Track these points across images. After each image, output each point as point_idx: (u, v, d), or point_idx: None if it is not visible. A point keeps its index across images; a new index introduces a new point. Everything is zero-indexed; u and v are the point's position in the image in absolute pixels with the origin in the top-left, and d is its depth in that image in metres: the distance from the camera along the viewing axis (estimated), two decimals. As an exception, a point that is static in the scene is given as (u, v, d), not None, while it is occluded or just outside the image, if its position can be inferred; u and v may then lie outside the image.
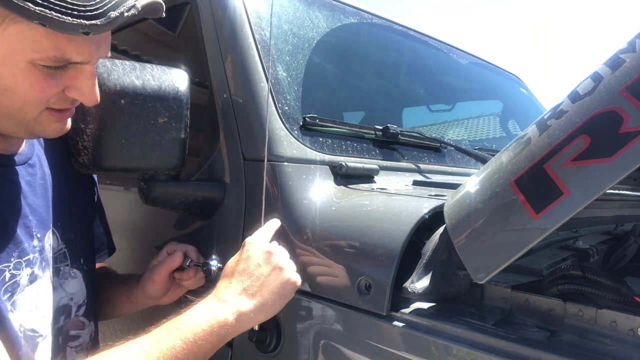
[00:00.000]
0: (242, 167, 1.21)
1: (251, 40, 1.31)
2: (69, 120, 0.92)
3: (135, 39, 1.91)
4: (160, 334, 0.85)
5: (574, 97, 0.76)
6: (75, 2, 0.73)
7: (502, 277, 0.97)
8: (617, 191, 1.37)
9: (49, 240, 0.95)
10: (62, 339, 0.98)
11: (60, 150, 1.06)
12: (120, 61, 1.03)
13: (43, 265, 0.92)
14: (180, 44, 1.73)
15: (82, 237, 1.07)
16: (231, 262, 0.97)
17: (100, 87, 0.98)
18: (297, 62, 1.40)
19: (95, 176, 1.23)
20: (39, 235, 0.92)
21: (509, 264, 0.74)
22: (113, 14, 0.76)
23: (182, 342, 0.83)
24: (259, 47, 1.30)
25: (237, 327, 0.89)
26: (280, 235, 1.08)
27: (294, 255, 1.04)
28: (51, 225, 0.96)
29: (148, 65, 1.07)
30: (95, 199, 1.20)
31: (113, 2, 0.77)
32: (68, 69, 0.82)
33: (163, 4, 0.87)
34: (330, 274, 0.98)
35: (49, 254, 0.94)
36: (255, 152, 1.19)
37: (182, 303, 1.22)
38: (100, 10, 0.75)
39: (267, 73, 1.26)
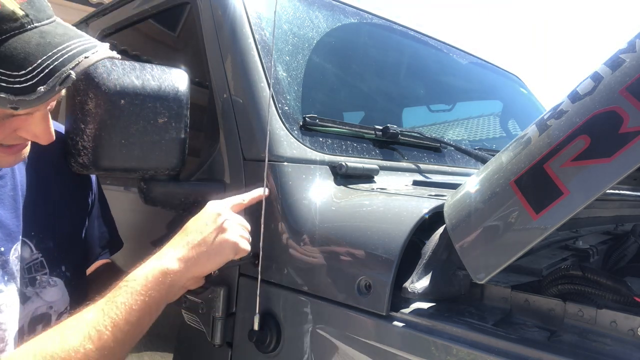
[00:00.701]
0: (242, 167, 1.21)
1: (251, 40, 1.31)
2: (26, 149, 0.92)
3: (135, 39, 1.91)
4: (114, 292, 0.89)
5: (574, 97, 0.76)
6: (4, 72, 0.71)
7: (502, 277, 0.97)
8: (617, 191, 1.37)
9: (15, 252, 0.94)
10: None
11: (45, 158, 1.05)
12: (120, 61, 1.03)
13: (6, 279, 0.91)
14: (180, 44, 1.73)
15: (64, 244, 1.06)
16: (193, 218, 1.01)
17: (100, 87, 0.98)
18: (297, 62, 1.40)
19: (93, 178, 1.23)
20: (2, 249, 0.92)
21: (509, 264, 0.74)
22: (43, 88, 0.72)
23: (133, 296, 0.87)
24: (259, 47, 1.30)
25: (181, 273, 0.93)
26: (280, 234, 1.08)
27: (293, 255, 1.04)
28: (20, 236, 0.96)
29: (148, 65, 1.07)
30: (90, 201, 1.19)
31: (45, 72, 0.73)
32: (17, 115, 0.81)
33: (113, 54, 0.84)
34: (330, 274, 0.98)
35: (14, 266, 0.94)
36: (255, 152, 1.19)
37: (182, 303, 1.22)
38: (31, 82, 0.72)
39: (267, 73, 1.26)
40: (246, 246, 1.00)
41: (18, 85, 0.71)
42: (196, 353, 1.26)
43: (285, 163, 1.15)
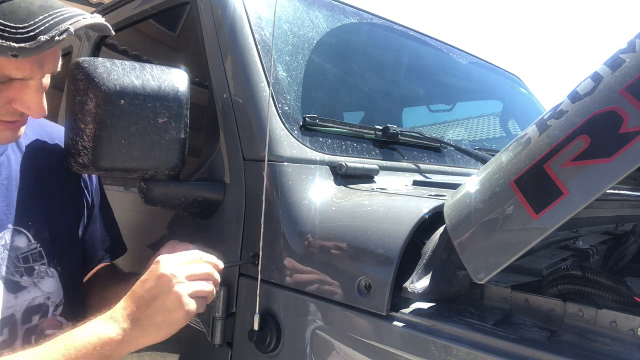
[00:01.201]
0: (242, 167, 1.21)
1: (251, 40, 1.31)
2: (22, 128, 0.96)
3: (135, 39, 1.91)
4: (47, 347, 0.85)
5: (574, 97, 0.76)
6: (8, 24, 0.77)
7: (502, 277, 0.97)
8: (617, 191, 1.37)
9: (2, 240, 0.95)
10: (36, 338, 0.98)
11: (44, 155, 1.08)
12: (120, 61, 1.03)
13: None
14: (180, 44, 1.73)
15: (60, 236, 1.06)
16: (140, 279, 0.93)
17: (100, 87, 0.98)
18: (297, 62, 1.40)
19: (94, 179, 1.23)
20: None
21: (509, 264, 0.74)
22: (43, 37, 0.78)
23: (64, 358, 0.84)
24: (259, 47, 1.30)
25: (121, 347, 0.87)
26: (280, 234, 1.08)
27: (293, 255, 1.04)
28: (11, 225, 0.97)
29: (148, 65, 1.07)
30: (89, 201, 1.20)
31: (45, 26, 0.79)
32: (12, 84, 0.85)
33: (107, 25, 0.91)
34: (330, 274, 0.98)
35: (1, 254, 0.95)
36: (255, 152, 1.19)
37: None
38: (32, 34, 0.78)
39: (267, 73, 1.26)
40: (199, 307, 0.92)
41: (20, 36, 0.77)
42: (196, 353, 1.26)
43: (285, 163, 1.15)
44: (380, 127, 1.42)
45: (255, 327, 1.02)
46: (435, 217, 0.93)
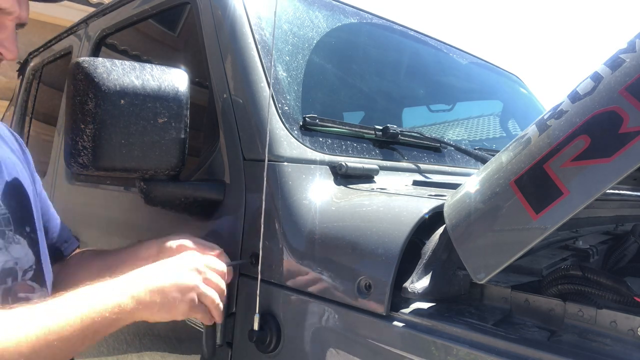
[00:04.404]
0: (242, 167, 1.21)
1: (251, 40, 1.31)
2: None
3: (135, 39, 1.91)
4: (63, 299, 0.88)
5: (574, 97, 0.76)
6: None
7: (502, 277, 0.97)
8: (617, 191, 1.37)
9: None
10: (12, 299, 1.00)
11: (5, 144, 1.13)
12: (120, 61, 1.03)
13: None
14: (180, 44, 1.73)
15: (23, 208, 1.09)
16: (172, 259, 1.00)
17: (100, 87, 0.98)
18: (297, 62, 1.40)
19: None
20: None
21: (509, 264, 0.74)
22: None
23: (80, 319, 0.86)
24: (259, 47, 1.30)
25: (129, 313, 0.91)
26: (280, 234, 1.08)
27: (293, 255, 1.04)
28: None
29: (148, 65, 1.07)
30: (35, 186, 1.23)
31: None
32: None
33: None
34: (330, 274, 0.98)
35: None
36: (255, 152, 1.19)
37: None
38: None
39: (267, 73, 1.26)
40: (200, 314, 0.98)
41: None
42: (196, 353, 1.26)
43: (285, 163, 1.15)
44: (380, 127, 1.42)
45: (255, 327, 1.02)
46: (435, 217, 0.93)
